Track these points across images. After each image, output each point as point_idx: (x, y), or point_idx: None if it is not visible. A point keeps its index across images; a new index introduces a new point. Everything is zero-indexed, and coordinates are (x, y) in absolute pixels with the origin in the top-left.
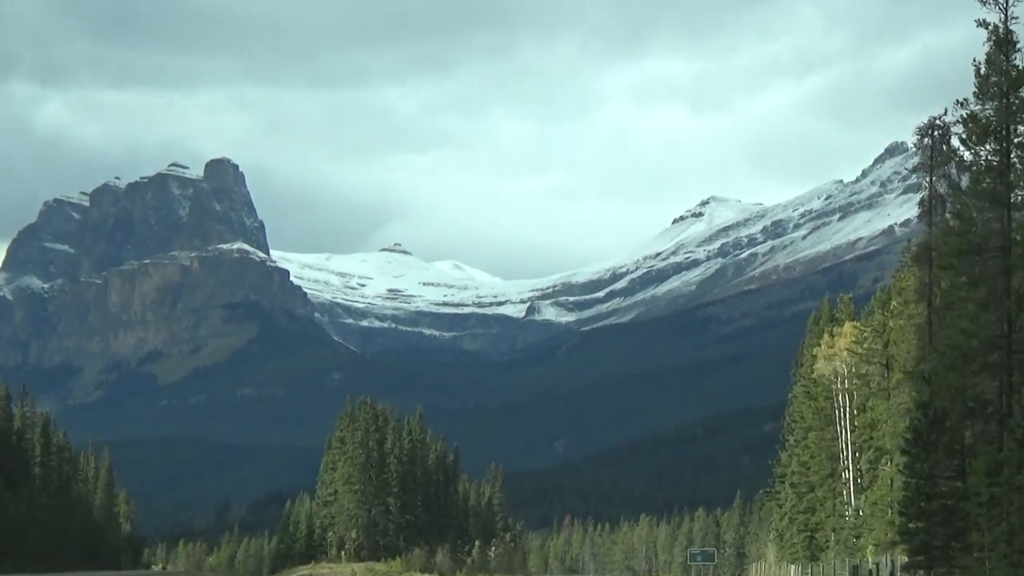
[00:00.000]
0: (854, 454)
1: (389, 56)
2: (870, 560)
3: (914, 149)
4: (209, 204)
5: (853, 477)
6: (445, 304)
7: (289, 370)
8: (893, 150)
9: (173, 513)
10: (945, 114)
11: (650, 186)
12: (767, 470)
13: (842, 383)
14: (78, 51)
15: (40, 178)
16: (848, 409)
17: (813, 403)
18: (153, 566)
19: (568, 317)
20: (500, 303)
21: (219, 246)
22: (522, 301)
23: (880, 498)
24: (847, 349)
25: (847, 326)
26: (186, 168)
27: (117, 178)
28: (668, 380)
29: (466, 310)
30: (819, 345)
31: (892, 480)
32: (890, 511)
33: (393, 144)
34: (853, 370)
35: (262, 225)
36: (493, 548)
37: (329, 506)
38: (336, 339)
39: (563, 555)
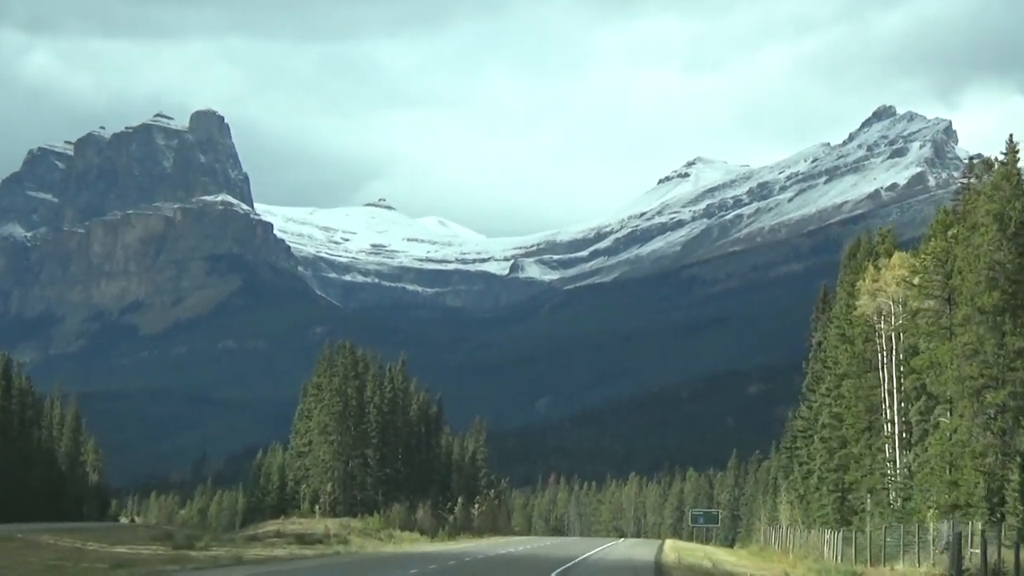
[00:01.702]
0: (899, 404)
1: (382, 10)
2: (931, 527)
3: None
4: (194, 156)
5: (898, 430)
6: (428, 260)
7: (271, 323)
8: (881, 114)
9: (151, 465)
10: None
11: (638, 146)
12: (754, 431)
13: (886, 322)
14: (67, 0)
15: (26, 127)
16: (894, 352)
17: (850, 347)
18: (122, 518)
19: (551, 275)
20: (484, 260)
21: (203, 198)
22: (506, 259)
23: (940, 453)
24: (897, 282)
25: (896, 256)
26: (171, 119)
27: (102, 128)
28: (651, 340)
29: (449, 266)
30: (861, 279)
31: (953, 432)
32: (949, 469)
33: (383, 100)
34: (903, 306)
35: (247, 178)
36: (477, 505)
37: (303, 457)
38: (319, 293)
39: (547, 514)
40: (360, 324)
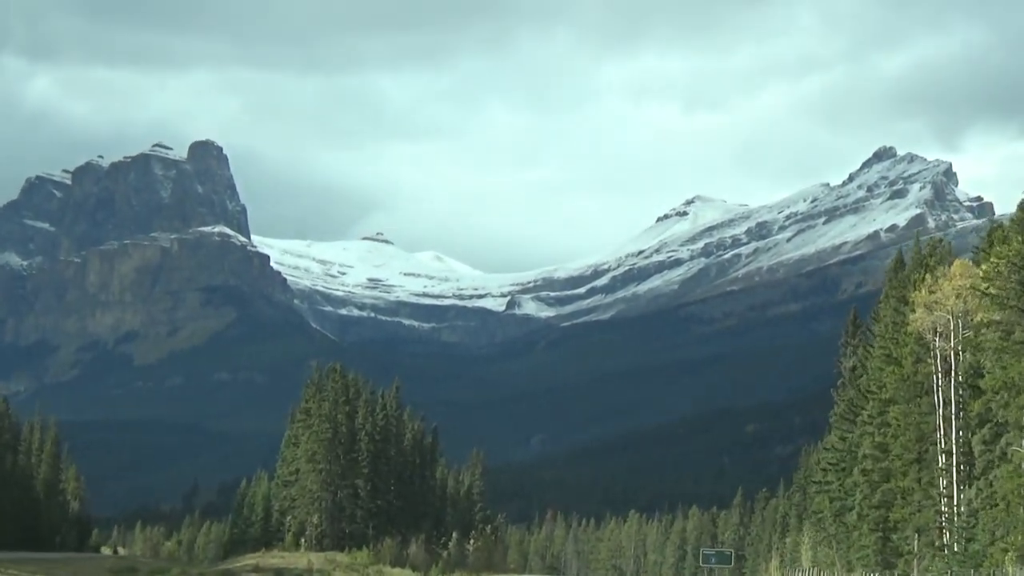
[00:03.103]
0: (958, 432)
1: (384, 44)
2: (1011, 571)
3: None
4: (191, 186)
5: (957, 462)
6: (425, 295)
7: (266, 356)
8: (881, 155)
9: (142, 496)
10: None
11: (637, 183)
12: (752, 470)
13: (944, 339)
14: (70, 27)
15: (24, 154)
16: (953, 373)
17: (897, 368)
18: (105, 549)
19: (548, 312)
20: (480, 296)
21: (200, 229)
22: (503, 295)
23: (1015, 488)
24: (957, 293)
25: (957, 264)
26: (170, 149)
27: (100, 157)
28: (647, 379)
29: (446, 302)
30: (915, 292)
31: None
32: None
33: (383, 133)
34: (965, 320)
35: (244, 209)
36: (472, 541)
37: (289, 487)
38: (315, 326)
39: (544, 551)
40: (356, 358)
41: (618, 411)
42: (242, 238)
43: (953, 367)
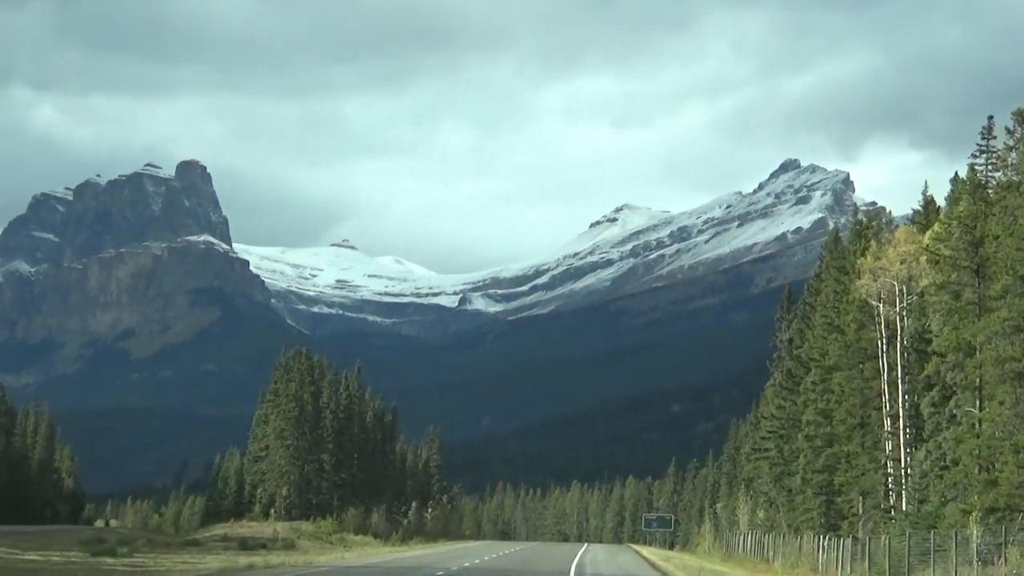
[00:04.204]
0: (904, 395)
1: (350, 71)
2: (974, 533)
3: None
4: (179, 201)
5: (904, 425)
6: (387, 294)
7: (247, 349)
8: (787, 166)
9: (139, 475)
10: None
11: (573, 193)
12: (678, 444)
13: (889, 304)
14: (70, 60)
15: (31, 174)
16: (899, 338)
17: (840, 336)
18: (98, 522)
19: (496, 308)
20: (436, 294)
21: (187, 238)
22: (455, 293)
23: (972, 449)
24: (902, 259)
25: (902, 230)
26: (160, 168)
27: (98, 175)
28: (584, 365)
29: (405, 299)
30: (860, 259)
31: (978, 424)
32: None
33: (349, 151)
34: (914, 284)
35: (226, 220)
36: (430, 510)
37: (260, 462)
38: (290, 323)
39: (496, 519)
40: (326, 350)
41: (559, 394)
42: (224, 246)
43: (899, 332)
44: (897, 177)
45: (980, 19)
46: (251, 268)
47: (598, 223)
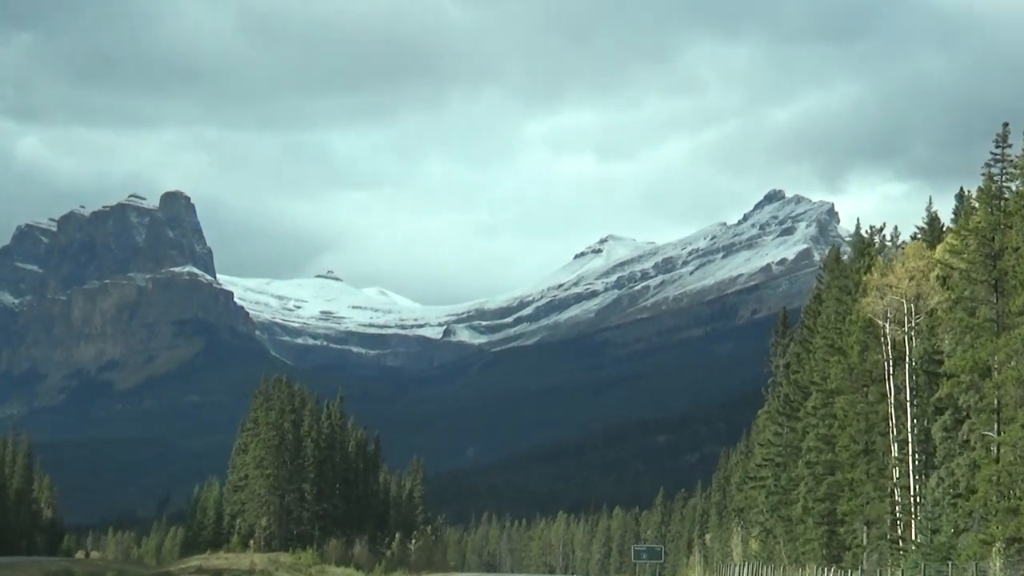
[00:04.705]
0: (913, 420)
1: (334, 104)
2: (997, 564)
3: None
4: (163, 232)
5: (913, 451)
6: (371, 325)
7: (231, 380)
8: (772, 197)
9: (122, 506)
10: None
11: (557, 225)
12: (662, 474)
13: (897, 324)
14: (55, 92)
15: (15, 205)
16: (907, 360)
17: (843, 358)
18: (78, 553)
19: (480, 339)
20: (420, 325)
21: (171, 269)
22: (440, 324)
23: (989, 476)
24: (911, 276)
25: (912, 246)
26: (144, 199)
27: (82, 207)
28: (569, 396)
29: (390, 331)
30: (866, 276)
31: (996, 448)
32: (1000, 493)
33: (334, 183)
34: (923, 303)
35: (210, 252)
36: (414, 541)
37: (239, 491)
38: (274, 354)
39: (481, 550)
40: (310, 382)
41: (544, 424)
42: (209, 277)
43: (907, 352)
44: (881, 207)
45: (964, 51)
46: (235, 299)
47: (583, 254)
